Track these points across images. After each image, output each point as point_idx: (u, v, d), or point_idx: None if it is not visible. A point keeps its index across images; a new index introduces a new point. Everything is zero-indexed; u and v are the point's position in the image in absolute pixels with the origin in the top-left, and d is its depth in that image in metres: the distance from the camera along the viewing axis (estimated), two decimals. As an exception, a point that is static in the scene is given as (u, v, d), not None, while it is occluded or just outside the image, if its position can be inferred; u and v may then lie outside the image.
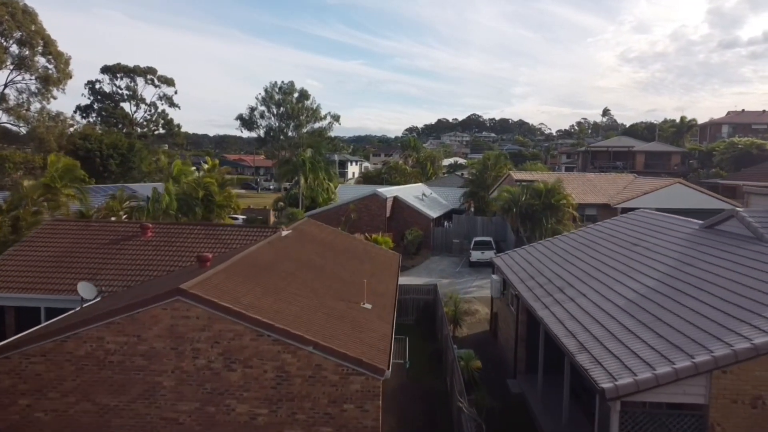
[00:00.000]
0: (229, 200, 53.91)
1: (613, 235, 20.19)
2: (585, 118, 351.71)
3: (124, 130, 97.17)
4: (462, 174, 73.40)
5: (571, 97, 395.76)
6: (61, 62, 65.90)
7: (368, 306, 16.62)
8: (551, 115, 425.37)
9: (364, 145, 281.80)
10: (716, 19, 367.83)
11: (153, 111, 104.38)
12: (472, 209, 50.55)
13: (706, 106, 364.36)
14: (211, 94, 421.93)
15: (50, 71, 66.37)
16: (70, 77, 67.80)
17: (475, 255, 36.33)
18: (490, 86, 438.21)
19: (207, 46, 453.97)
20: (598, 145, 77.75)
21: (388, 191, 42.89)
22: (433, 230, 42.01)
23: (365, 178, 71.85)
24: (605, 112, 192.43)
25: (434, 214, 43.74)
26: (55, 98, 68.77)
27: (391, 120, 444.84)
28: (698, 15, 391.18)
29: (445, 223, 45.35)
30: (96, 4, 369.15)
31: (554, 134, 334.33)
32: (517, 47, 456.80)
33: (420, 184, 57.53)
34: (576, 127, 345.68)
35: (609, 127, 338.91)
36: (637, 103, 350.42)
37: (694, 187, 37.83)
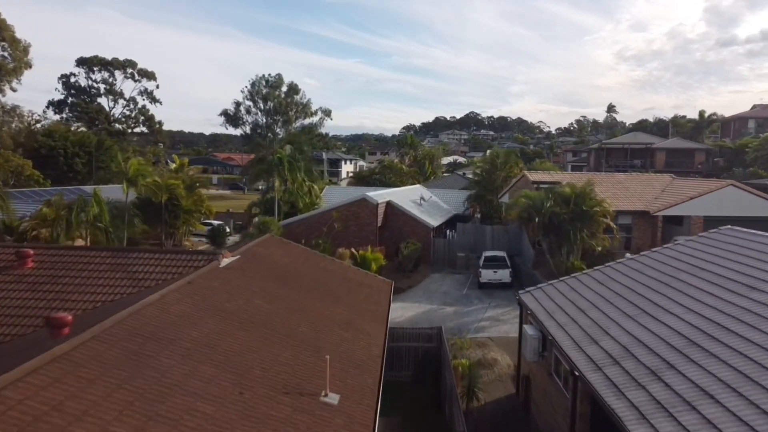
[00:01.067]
0: (200, 204, 47.24)
1: (703, 269, 13.59)
2: (584, 116, 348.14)
3: (100, 127, 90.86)
4: (464, 174, 66.80)
5: (569, 95, 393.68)
6: (18, 49, 59.04)
7: (333, 399, 10.02)
8: (549, 113, 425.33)
9: (360, 144, 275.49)
10: (713, 18, 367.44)
11: (132, 107, 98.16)
12: (479, 215, 43.86)
13: (704, 105, 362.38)
14: (210, 93, 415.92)
15: (6, 60, 59.61)
16: (29, 67, 60.98)
17: (486, 274, 29.63)
18: (488, 85, 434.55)
19: (206, 45, 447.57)
20: (612, 142, 71.03)
21: (380, 195, 36.24)
22: (434, 242, 35.36)
23: (358, 179, 64.75)
24: (610, 108, 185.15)
25: (435, 222, 37.07)
26: (14, 90, 62.09)
27: (389, 119, 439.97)
28: (695, 13, 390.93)
29: (448, 232, 38.73)
30: (92, 3, 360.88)
31: (554, 132, 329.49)
32: (514, 46, 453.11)
33: (418, 185, 50.82)
34: (575, 126, 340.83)
35: (609, 125, 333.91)
36: (634, 102, 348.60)
37: (749, 191, 31.27)
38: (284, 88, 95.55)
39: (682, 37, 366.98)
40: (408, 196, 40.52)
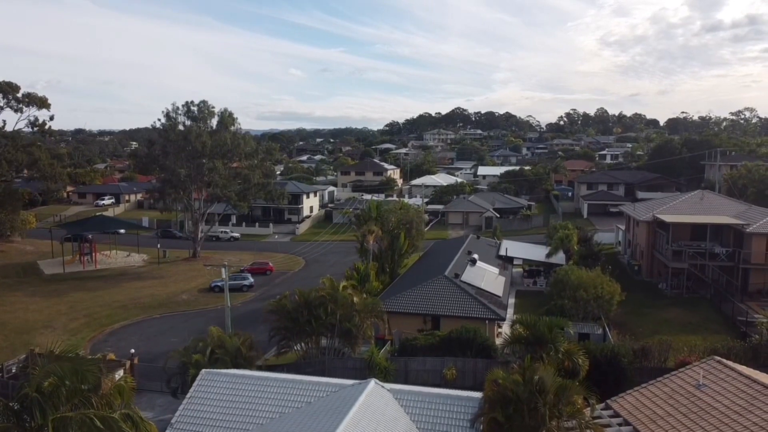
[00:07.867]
0: None
1: None
2: (574, 109, 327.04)
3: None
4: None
5: (553, 82, 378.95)
6: None
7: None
8: (533, 100, 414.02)
9: (340, 146, 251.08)
10: (695, 2, 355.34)
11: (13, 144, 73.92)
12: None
13: (686, 89, 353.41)
14: (186, 84, 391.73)
15: None
16: None
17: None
18: (471, 72, 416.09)
19: (178, 34, 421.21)
20: (676, 223, 46.89)
21: None
22: None
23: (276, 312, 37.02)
24: (619, 137, 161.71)
25: None
26: None
27: (374, 108, 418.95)
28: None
29: None
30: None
31: (543, 128, 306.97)
32: (496, 32, 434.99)
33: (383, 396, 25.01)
34: (565, 119, 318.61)
35: (600, 119, 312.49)
36: (617, 87, 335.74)
37: None
38: (214, 120, 71.55)
39: (664, 22, 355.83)
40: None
